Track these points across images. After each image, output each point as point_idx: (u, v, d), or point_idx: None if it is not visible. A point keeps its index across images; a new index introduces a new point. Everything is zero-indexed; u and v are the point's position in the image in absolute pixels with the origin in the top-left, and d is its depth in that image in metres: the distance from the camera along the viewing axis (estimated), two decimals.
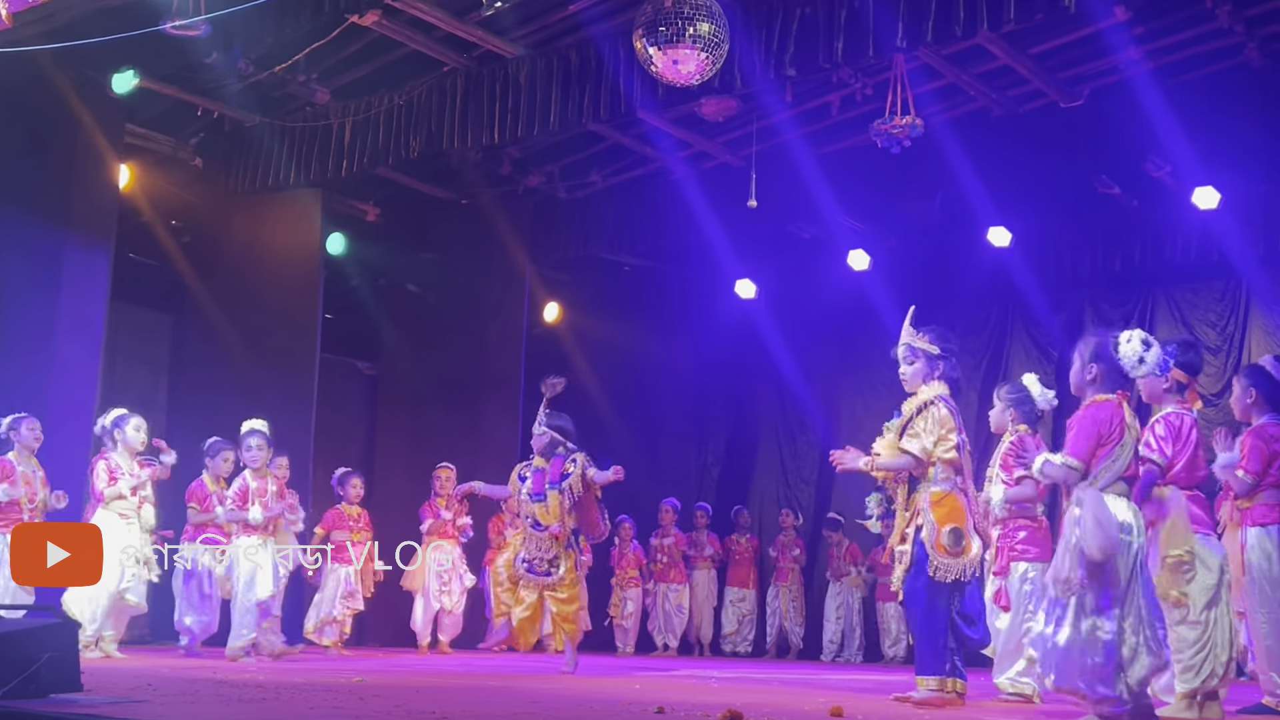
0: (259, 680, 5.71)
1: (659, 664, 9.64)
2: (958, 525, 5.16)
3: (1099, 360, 4.83)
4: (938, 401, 5.46)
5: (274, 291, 10.26)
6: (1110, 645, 4.37)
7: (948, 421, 5.38)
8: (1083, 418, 4.71)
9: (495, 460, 11.21)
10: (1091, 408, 4.72)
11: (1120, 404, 4.70)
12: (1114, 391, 4.75)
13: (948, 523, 5.18)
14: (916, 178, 9.92)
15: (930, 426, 5.38)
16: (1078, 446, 4.64)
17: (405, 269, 11.99)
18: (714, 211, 10.55)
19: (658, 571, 11.71)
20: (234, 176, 10.14)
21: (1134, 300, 10.84)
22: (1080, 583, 4.41)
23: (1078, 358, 4.92)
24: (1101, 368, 4.80)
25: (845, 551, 11.50)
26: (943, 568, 5.22)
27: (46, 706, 4.10)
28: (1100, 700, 4.39)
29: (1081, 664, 4.40)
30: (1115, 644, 4.38)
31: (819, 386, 12.56)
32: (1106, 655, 4.37)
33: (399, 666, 7.81)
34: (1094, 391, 4.79)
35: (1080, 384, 4.87)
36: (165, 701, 4.44)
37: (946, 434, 5.39)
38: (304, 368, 10.12)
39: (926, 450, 5.38)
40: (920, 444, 5.36)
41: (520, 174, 11.04)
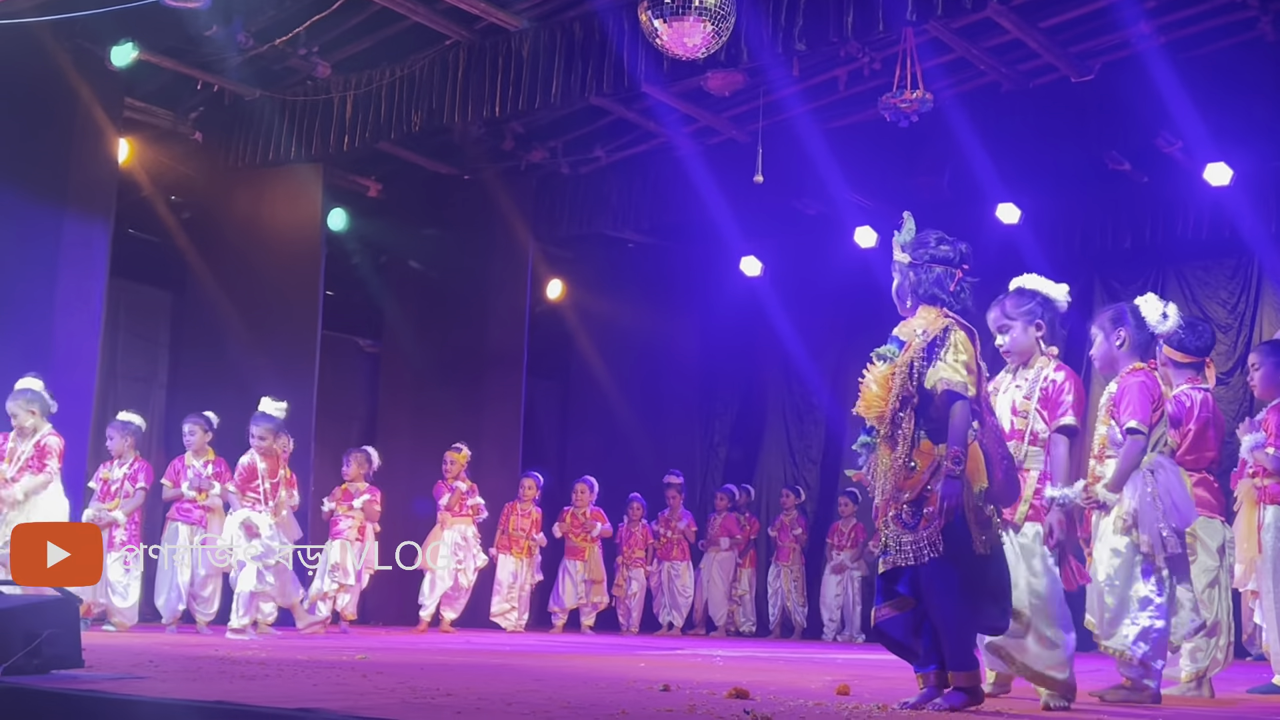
0: (261, 657, 5.74)
1: (663, 643, 9.68)
2: (984, 486, 4.16)
3: (1124, 324, 4.88)
4: (954, 325, 4.33)
5: (275, 268, 10.26)
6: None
7: (966, 346, 4.26)
8: (1132, 385, 4.78)
9: (497, 438, 11.27)
10: (1136, 374, 4.80)
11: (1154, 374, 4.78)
12: (1143, 360, 4.82)
13: (977, 481, 4.15)
14: (925, 153, 9.90)
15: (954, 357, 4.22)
16: (1141, 410, 4.72)
17: (407, 245, 11.99)
18: (719, 188, 10.54)
19: (661, 549, 11.75)
20: (234, 151, 10.14)
21: (1144, 277, 10.83)
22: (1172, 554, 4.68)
23: (1099, 331, 4.95)
24: (1129, 332, 4.87)
25: (851, 530, 11.52)
26: (975, 538, 4.11)
27: (48, 682, 4.13)
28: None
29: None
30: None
31: (825, 365, 12.58)
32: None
33: (401, 644, 7.85)
34: (1127, 360, 4.87)
35: (1110, 355, 4.92)
36: (166, 677, 4.47)
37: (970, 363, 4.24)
38: (305, 345, 10.14)
39: (965, 382, 4.17)
40: (960, 376, 4.15)
41: (523, 149, 11.03)
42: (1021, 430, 4.61)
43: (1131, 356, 4.88)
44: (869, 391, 4.30)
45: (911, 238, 4.43)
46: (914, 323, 4.33)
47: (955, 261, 4.36)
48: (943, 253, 4.35)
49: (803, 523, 11.95)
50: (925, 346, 4.21)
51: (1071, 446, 4.54)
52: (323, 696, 3.90)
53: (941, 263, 4.35)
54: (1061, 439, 4.53)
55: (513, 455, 11.36)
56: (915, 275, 4.36)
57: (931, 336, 4.23)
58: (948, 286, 4.32)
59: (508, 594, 10.60)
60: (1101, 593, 4.76)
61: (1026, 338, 4.68)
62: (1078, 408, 4.55)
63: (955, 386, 4.11)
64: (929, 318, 4.31)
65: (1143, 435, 4.74)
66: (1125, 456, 4.77)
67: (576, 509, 11.27)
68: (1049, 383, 4.60)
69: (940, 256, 4.35)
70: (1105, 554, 4.76)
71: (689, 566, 11.76)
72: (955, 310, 4.32)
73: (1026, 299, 4.69)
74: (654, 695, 4.36)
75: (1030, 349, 4.70)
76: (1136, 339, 4.90)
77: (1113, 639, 4.71)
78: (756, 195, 10.15)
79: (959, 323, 4.26)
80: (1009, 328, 4.71)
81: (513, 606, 10.62)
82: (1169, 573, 4.76)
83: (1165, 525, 4.71)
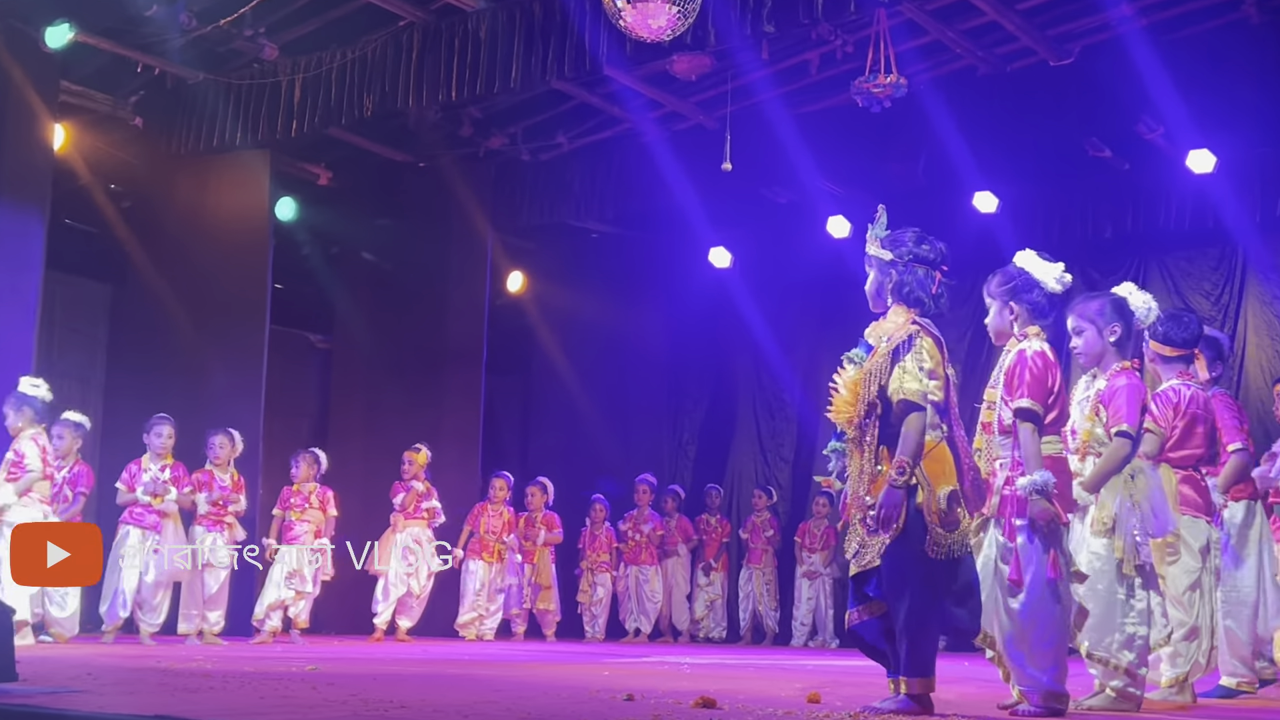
0: (205, 669, 5.70)
1: (629, 650, 9.68)
2: (954, 488, 4.23)
3: (1119, 318, 4.91)
4: (920, 332, 4.42)
5: (220, 260, 10.19)
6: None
7: (933, 352, 4.33)
8: (1124, 386, 4.81)
9: (456, 438, 11.24)
10: (1127, 375, 4.85)
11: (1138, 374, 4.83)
12: (1129, 357, 4.87)
13: (942, 482, 4.22)
14: (899, 140, 9.93)
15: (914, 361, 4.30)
16: (1131, 414, 4.74)
17: (359, 236, 11.94)
18: (686, 175, 10.54)
19: (628, 553, 11.75)
20: (176, 137, 10.07)
21: (1125, 268, 10.88)
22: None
23: (1088, 324, 4.94)
24: (1122, 326, 4.90)
25: (823, 532, 11.55)
26: (939, 542, 4.20)
27: None
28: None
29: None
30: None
31: (798, 360, 12.61)
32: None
33: (355, 654, 7.83)
34: (1116, 357, 4.90)
35: (1099, 349, 4.93)
36: (104, 691, 4.43)
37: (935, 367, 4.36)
38: (252, 341, 10.09)
39: (922, 392, 4.26)
40: (917, 386, 4.25)
41: (481, 135, 11.00)
42: (989, 421, 4.59)
43: (1121, 353, 4.92)
44: (838, 396, 4.40)
45: (886, 233, 4.46)
46: (884, 326, 4.40)
47: (936, 262, 4.42)
48: (924, 252, 4.41)
49: (775, 524, 11.98)
50: (890, 353, 4.28)
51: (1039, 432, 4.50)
52: (268, 709, 3.88)
53: (923, 263, 4.40)
54: (1023, 425, 4.44)
55: (472, 455, 11.33)
56: (898, 275, 4.41)
57: (896, 344, 4.30)
58: (929, 289, 4.39)
59: (474, 602, 10.57)
60: (1083, 599, 4.79)
61: (1001, 319, 4.69)
62: (1035, 389, 4.45)
63: (911, 396, 4.19)
64: (898, 322, 4.37)
65: (1130, 441, 4.78)
66: (1109, 459, 4.80)
67: (531, 513, 11.26)
68: (1013, 365, 4.56)
69: (922, 256, 4.41)
70: (1084, 557, 4.78)
71: (658, 571, 11.77)
72: (933, 314, 4.36)
73: (1009, 277, 4.71)
74: (617, 705, 4.37)
75: (1004, 331, 4.70)
76: (1126, 335, 4.94)
77: (1099, 647, 4.74)
78: (725, 183, 10.14)
79: (925, 329, 4.31)
80: (989, 307, 4.74)
81: (480, 615, 10.60)
82: (1141, 581, 4.80)
83: (1140, 532, 4.75)
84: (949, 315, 4.57)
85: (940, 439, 4.26)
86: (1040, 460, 4.40)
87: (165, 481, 8.59)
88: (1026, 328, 4.65)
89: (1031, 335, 4.62)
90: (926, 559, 4.18)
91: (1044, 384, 4.48)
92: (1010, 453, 4.52)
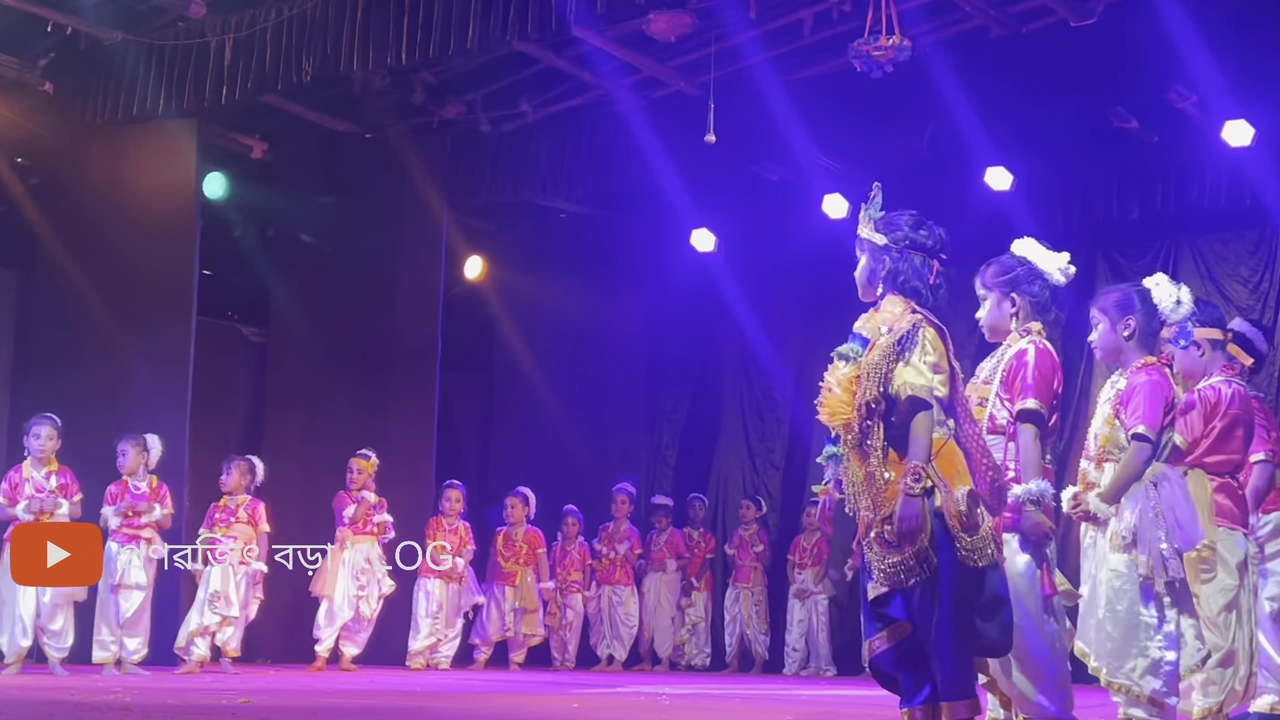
0: (124, 702, 5.68)
1: (602, 680, 9.68)
2: (971, 487, 4.21)
3: (1131, 311, 4.94)
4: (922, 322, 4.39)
5: (141, 242, 10.14)
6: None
7: (936, 344, 4.33)
8: (1143, 384, 4.83)
9: (407, 443, 11.21)
10: (1148, 370, 4.87)
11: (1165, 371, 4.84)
12: (1153, 353, 4.88)
13: (957, 483, 4.20)
14: (902, 110, 9.94)
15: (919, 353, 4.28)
16: (1151, 414, 4.76)
17: (298, 216, 11.89)
18: (666, 149, 10.53)
19: (601, 572, 11.75)
20: (92, 105, 10.01)
21: (1154, 252, 10.94)
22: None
23: (1103, 317, 5.00)
24: (1138, 320, 4.94)
25: (814, 545, 11.55)
26: (965, 549, 4.17)
27: None
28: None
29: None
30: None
31: (790, 355, 12.61)
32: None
33: (293, 685, 7.80)
34: (1136, 353, 4.93)
35: (1114, 345, 4.98)
36: None
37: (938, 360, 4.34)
38: (178, 333, 10.04)
39: (929, 388, 4.23)
40: (923, 381, 4.23)
41: (435, 103, 10.97)
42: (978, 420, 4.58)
43: (1141, 349, 4.95)
44: (831, 396, 4.36)
45: (881, 214, 4.48)
46: (879, 317, 4.39)
47: (934, 250, 4.43)
48: (921, 238, 4.41)
49: (764, 538, 11.99)
50: (893, 346, 4.26)
51: (1041, 437, 4.53)
52: None
53: (920, 250, 4.41)
54: (1026, 428, 4.50)
55: (425, 463, 11.31)
56: (893, 262, 4.41)
57: (899, 334, 4.28)
58: (927, 278, 4.40)
59: (432, 626, 10.53)
60: (1102, 620, 4.80)
61: (1000, 313, 4.73)
62: (1041, 390, 4.52)
63: (918, 392, 4.18)
64: (895, 312, 4.36)
65: (1150, 444, 4.80)
66: (1127, 464, 4.83)
67: (509, 527, 11.24)
68: (1012, 360, 4.61)
69: (919, 242, 4.41)
70: (1104, 575, 4.80)
71: (633, 592, 11.77)
72: (930, 306, 4.38)
73: (1008, 268, 4.72)
74: None
75: (1002, 326, 4.74)
76: (1146, 328, 4.97)
77: (1119, 673, 4.75)
78: (709, 158, 10.15)
79: (928, 319, 4.32)
80: (983, 300, 4.75)
81: (438, 640, 10.57)
82: (1170, 599, 4.80)
83: (1167, 545, 4.75)
84: (958, 306, 4.60)
85: (947, 437, 4.26)
86: (1039, 468, 4.43)
87: (52, 492, 8.50)
88: (1029, 323, 4.68)
89: (1034, 331, 4.65)
90: (955, 569, 4.16)
91: (1050, 384, 4.53)
92: (999, 455, 4.56)
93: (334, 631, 9.92)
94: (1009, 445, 4.57)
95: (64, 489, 8.58)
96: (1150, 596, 4.77)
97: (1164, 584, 4.76)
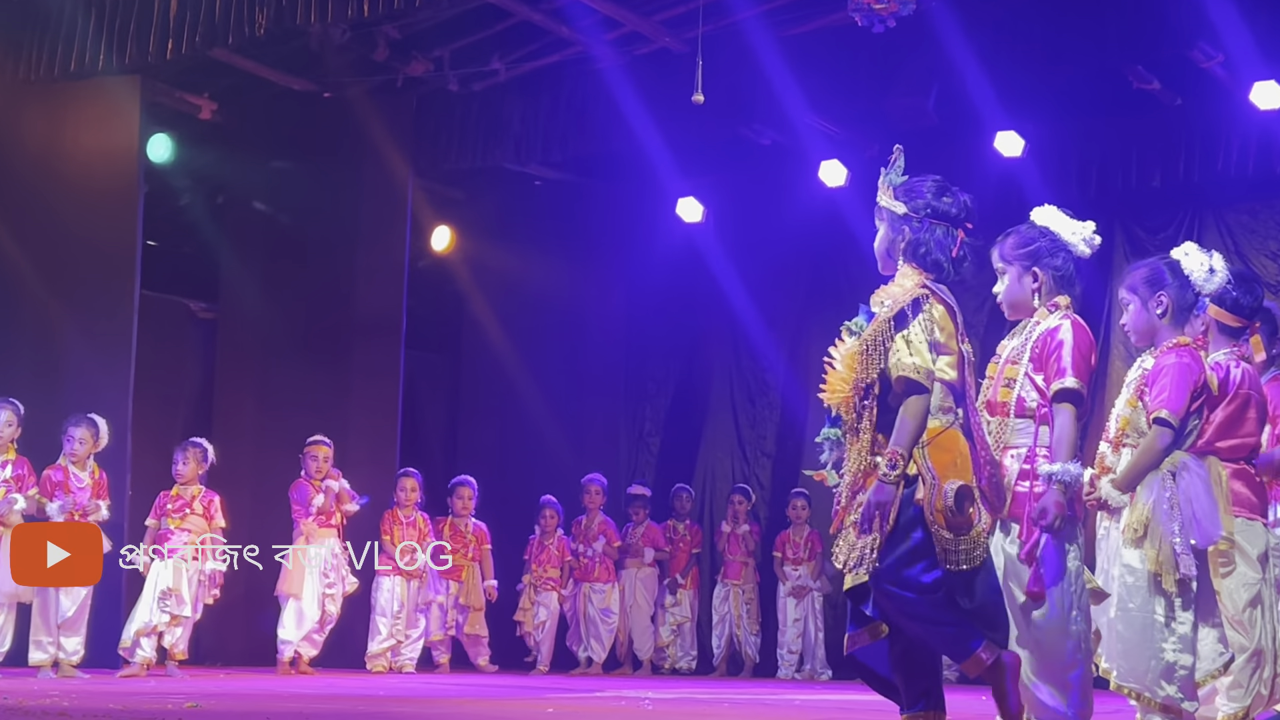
0: (61, 706, 5.68)
1: (579, 684, 9.71)
2: (965, 483, 4.22)
3: (1162, 286, 4.97)
4: (929, 296, 4.42)
5: (79, 209, 10.12)
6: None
7: (944, 323, 4.35)
8: (1171, 365, 4.87)
9: (368, 428, 11.22)
10: (1178, 352, 4.91)
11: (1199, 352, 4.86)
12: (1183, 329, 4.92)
13: (951, 476, 4.21)
14: (906, 68, 9.94)
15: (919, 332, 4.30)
16: (1176, 398, 4.81)
17: (250, 182, 11.86)
18: (649, 111, 10.52)
19: (579, 569, 11.76)
20: (25, 61, 9.97)
21: (1176, 224, 10.98)
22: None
23: (1133, 296, 5.07)
24: (1170, 295, 4.98)
25: (806, 539, 11.59)
26: (948, 549, 4.20)
27: None
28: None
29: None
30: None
31: (783, 334, 12.63)
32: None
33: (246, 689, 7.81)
34: (1170, 332, 5.00)
35: (1146, 325, 5.04)
36: None
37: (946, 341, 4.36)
38: (119, 308, 10.03)
39: (926, 371, 4.25)
40: (921, 362, 4.24)
41: (400, 60, 10.93)
42: (1005, 402, 4.62)
43: (1176, 327, 4.99)
44: (834, 374, 4.39)
45: (903, 180, 4.48)
46: (890, 290, 4.41)
47: (959, 219, 4.43)
48: (944, 206, 4.42)
49: (755, 532, 12.02)
50: (890, 321, 4.28)
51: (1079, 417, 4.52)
52: None
53: (943, 219, 4.41)
54: (1064, 408, 4.48)
55: (388, 449, 11.31)
56: (912, 233, 4.42)
57: (898, 309, 4.30)
58: (949, 250, 4.40)
59: (392, 627, 10.54)
60: (1113, 620, 4.83)
61: (1021, 288, 4.73)
62: (1080, 367, 4.51)
63: (913, 374, 4.21)
64: (906, 285, 4.37)
65: (1171, 430, 4.82)
66: (1144, 450, 4.85)
67: (456, 518, 11.24)
68: (1044, 337, 4.60)
69: (942, 211, 4.42)
70: (1116, 571, 4.82)
71: (614, 589, 11.79)
72: (952, 280, 4.39)
73: (1028, 240, 4.73)
74: None
75: (1023, 302, 4.75)
76: (1180, 303, 5.00)
77: (1130, 677, 4.77)
78: (696, 120, 10.13)
79: (937, 294, 4.33)
80: (1001, 274, 4.76)
81: (398, 642, 10.58)
82: (1182, 601, 4.81)
83: (1180, 540, 4.77)
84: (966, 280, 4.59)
85: (951, 425, 4.28)
86: (1075, 449, 4.43)
87: (6, 481, 8.52)
88: (1055, 298, 4.68)
89: (1064, 306, 4.65)
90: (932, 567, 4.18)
91: (1089, 361, 4.54)
92: (1028, 440, 4.55)
93: (302, 634, 9.89)
94: (1039, 429, 4.55)
95: (19, 480, 8.59)
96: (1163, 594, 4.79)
97: (1174, 581, 4.78)
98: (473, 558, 11.20)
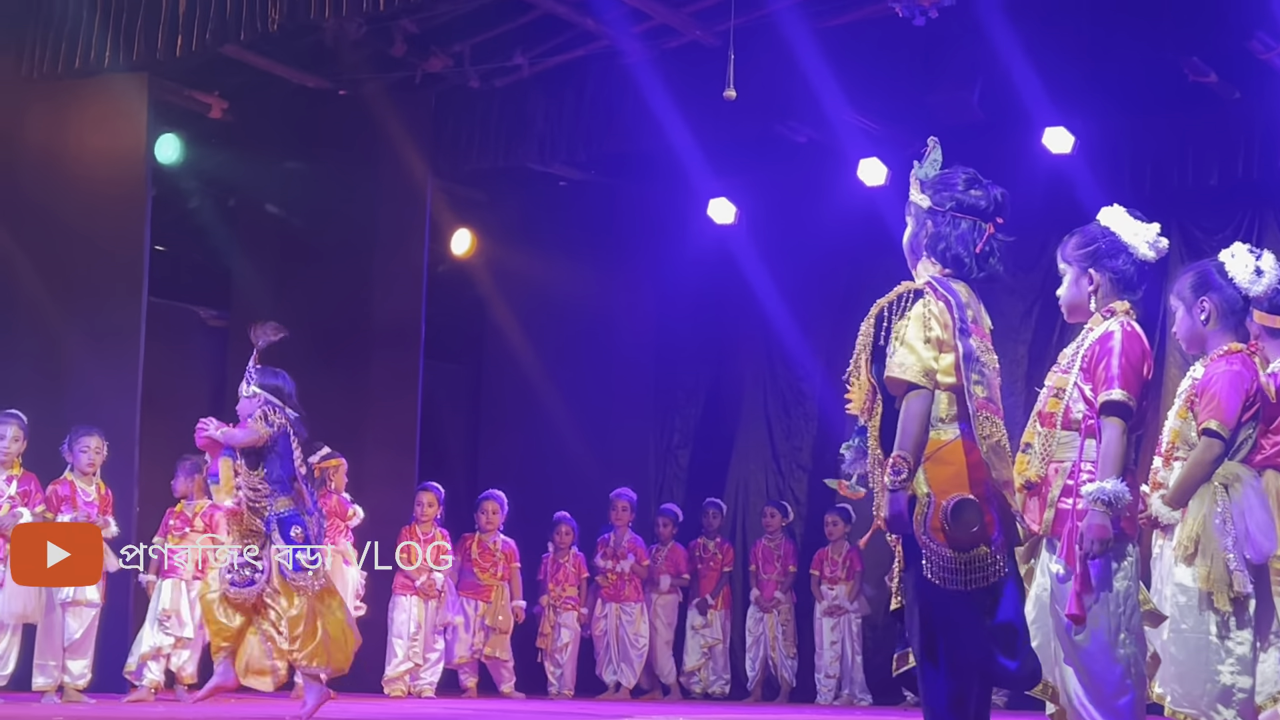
0: None
1: (607, 709, 9.68)
2: (965, 494, 4.16)
3: (1208, 290, 4.96)
4: (927, 290, 4.38)
5: (85, 213, 10.14)
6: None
7: (944, 320, 4.29)
8: (1221, 374, 4.86)
9: (386, 440, 11.22)
10: (1228, 359, 4.91)
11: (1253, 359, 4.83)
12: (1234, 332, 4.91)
13: (952, 490, 4.17)
14: (950, 62, 9.92)
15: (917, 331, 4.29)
16: (1227, 409, 4.81)
17: (263, 184, 11.91)
18: (679, 107, 10.52)
19: (607, 588, 11.74)
20: (29, 58, 10.01)
21: (1234, 223, 10.92)
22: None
23: (1179, 303, 5.05)
24: (1215, 300, 4.97)
25: (845, 557, 11.54)
26: (940, 566, 4.17)
27: None
28: None
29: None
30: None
31: (819, 341, 12.58)
32: None
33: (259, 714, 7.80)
34: (1219, 338, 4.99)
35: (1194, 332, 5.05)
36: None
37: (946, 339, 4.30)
38: (126, 317, 10.04)
39: (924, 369, 4.24)
40: (915, 360, 4.24)
41: (418, 56, 10.95)
42: (1053, 413, 4.56)
43: (1224, 333, 4.95)
44: (858, 382, 4.41)
45: (935, 173, 4.46)
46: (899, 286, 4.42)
47: (988, 213, 4.40)
48: (972, 199, 4.39)
49: (791, 550, 11.98)
50: (876, 318, 4.36)
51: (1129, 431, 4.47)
52: None
53: (970, 213, 4.38)
54: (1112, 422, 4.39)
55: (407, 462, 11.31)
56: (934, 226, 4.40)
57: (887, 302, 4.34)
58: (973, 246, 4.36)
59: (409, 649, 10.53)
60: (1166, 642, 4.79)
61: (1078, 290, 4.68)
62: (1129, 379, 4.42)
63: (906, 374, 4.21)
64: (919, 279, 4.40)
65: (1222, 441, 4.78)
66: (1194, 463, 4.82)
67: (483, 534, 11.22)
68: (1095, 344, 4.54)
69: (969, 204, 4.39)
70: (1169, 590, 4.78)
71: (643, 609, 11.77)
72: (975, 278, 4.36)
73: (1089, 239, 4.68)
74: None
75: (1080, 305, 4.70)
76: (1226, 308, 4.97)
77: (1182, 701, 4.73)
78: (729, 117, 10.13)
79: (938, 288, 4.30)
80: (1063, 275, 4.73)
81: (416, 665, 10.57)
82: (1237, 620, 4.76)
83: (1234, 556, 4.73)
84: (1010, 282, 4.57)
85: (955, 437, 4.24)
86: (1120, 466, 4.36)
87: (11, 497, 8.52)
88: (1112, 303, 4.63)
89: (1120, 312, 4.60)
90: (927, 589, 4.18)
91: (1140, 372, 4.45)
92: (1073, 454, 4.49)
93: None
94: (1085, 442, 4.48)
95: (25, 496, 8.61)
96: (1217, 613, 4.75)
97: (1228, 600, 4.74)
98: (502, 576, 11.17)
